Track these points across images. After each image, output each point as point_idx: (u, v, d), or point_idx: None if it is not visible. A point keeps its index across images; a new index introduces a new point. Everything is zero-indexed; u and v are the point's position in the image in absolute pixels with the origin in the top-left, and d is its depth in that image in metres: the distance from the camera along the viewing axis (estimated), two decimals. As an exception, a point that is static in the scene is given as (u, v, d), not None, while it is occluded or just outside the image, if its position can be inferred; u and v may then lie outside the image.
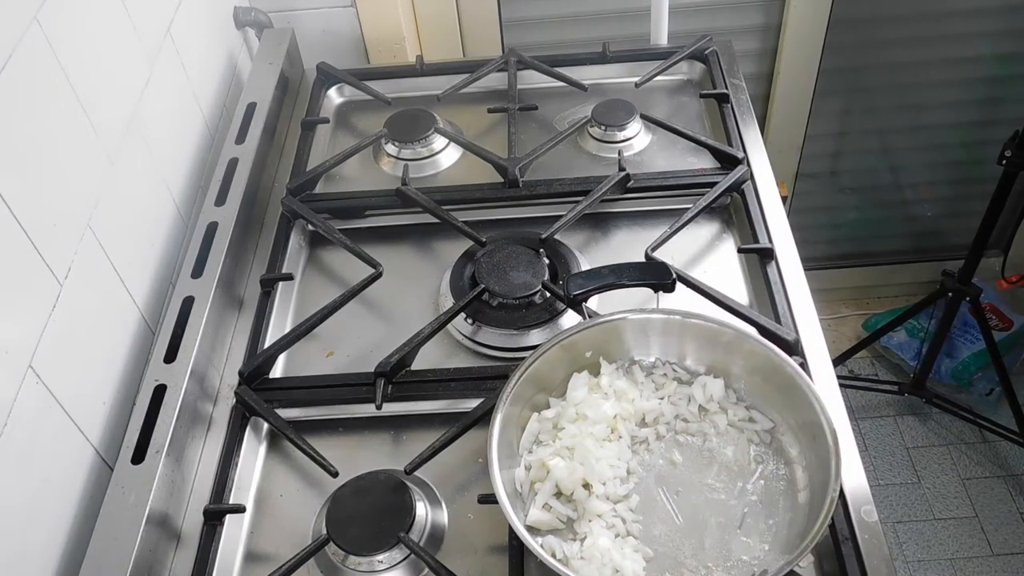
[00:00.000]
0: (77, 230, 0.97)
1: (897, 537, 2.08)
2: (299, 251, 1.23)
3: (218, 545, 0.92)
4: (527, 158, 1.24)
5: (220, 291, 1.11)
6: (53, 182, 0.93)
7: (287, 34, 1.50)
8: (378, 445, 1.02)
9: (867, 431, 2.28)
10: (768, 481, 0.90)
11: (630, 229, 1.22)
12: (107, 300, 1.03)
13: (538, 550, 0.80)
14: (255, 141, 1.29)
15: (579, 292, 0.99)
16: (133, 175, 1.11)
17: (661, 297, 0.99)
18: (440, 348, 1.09)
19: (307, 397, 1.05)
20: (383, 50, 1.62)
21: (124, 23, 1.12)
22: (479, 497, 0.91)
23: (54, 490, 0.89)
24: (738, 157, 1.23)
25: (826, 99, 2.00)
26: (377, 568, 0.89)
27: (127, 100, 1.12)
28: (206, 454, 1.01)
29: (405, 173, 1.24)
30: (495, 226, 1.21)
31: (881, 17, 1.89)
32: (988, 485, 2.16)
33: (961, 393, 2.26)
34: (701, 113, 1.39)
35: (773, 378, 0.92)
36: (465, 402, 1.00)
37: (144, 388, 1.00)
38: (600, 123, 1.31)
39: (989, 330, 2.04)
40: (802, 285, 1.09)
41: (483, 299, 1.09)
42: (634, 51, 1.46)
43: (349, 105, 1.47)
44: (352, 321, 1.13)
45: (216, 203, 1.21)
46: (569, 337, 0.96)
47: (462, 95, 1.41)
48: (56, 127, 0.95)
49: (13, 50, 0.87)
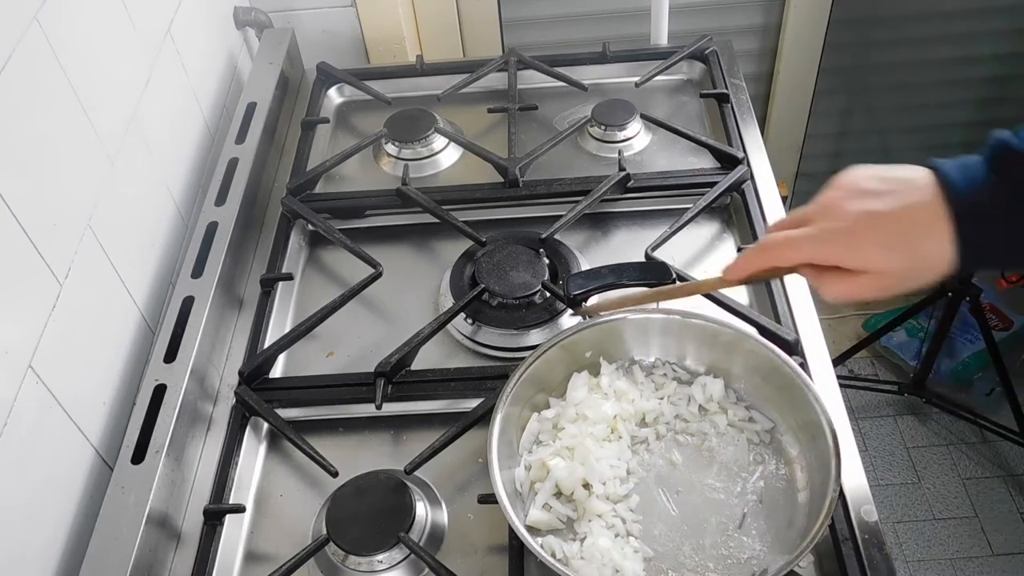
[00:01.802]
0: (77, 230, 0.97)
1: (897, 537, 2.08)
2: (299, 251, 1.23)
3: (218, 545, 0.92)
4: (527, 158, 1.24)
5: (220, 291, 1.11)
6: (53, 182, 0.93)
7: (287, 34, 1.50)
8: (378, 445, 1.02)
9: (867, 431, 2.28)
10: (768, 481, 0.90)
11: (630, 229, 1.22)
12: (107, 300, 1.03)
13: (538, 550, 0.80)
14: (255, 141, 1.29)
15: (579, 292, 0.99)
16: (133, 175, 1.11)
17: (661, 297, 0.99)
18: (440, 348, 1.09)
19: (307, 397, 1.05)
20: (383, 50, 1.62)
21: (124, 23, 1.12)
22: (479, 497, 0.91)
23: (54, 490, 0.89)
24: (738, 157, 1.23)
25: (826, 99, 2.00)
26: (377, 568, 0.89)
27: (127, 100, 1.12)
28: (206, 454, 1.01)
29: (405, 173, 1.24)
30: (495, 226, 1.21)
31: (881, 17, 1.89)
32: (988, 485, 2.16)
33: (961, 393, 2.26)
34: (701, 113, 1.39)
35: (773, 378, 0.92)
36: (465, 402, 1.00)
37: (144, 388, 1.00)
38: (600, 123, 1.31)
39: (989, 330, 2.04)
40: (802, 285, 1.09)
41: (483, 299, 1.09)
42: (634, 51, 1.46)
43: (349, 105, 1.47)
44: (352, 321, 1.13)
45: (216, 203, 1.21)
46: (569, 337, 0.96)
47: (462, 95, 1.41)
48: (56, 127, 0.95)
49: (13, 50, 0.87)
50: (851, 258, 0.70)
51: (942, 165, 0.68)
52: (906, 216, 0.68)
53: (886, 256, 0.69)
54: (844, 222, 0.69)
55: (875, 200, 0.69)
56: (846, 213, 0.69)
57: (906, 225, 0.68)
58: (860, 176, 0.72)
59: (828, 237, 0.70)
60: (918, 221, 0.67)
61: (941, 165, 0.68)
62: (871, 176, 0.71)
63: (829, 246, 0.70)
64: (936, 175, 0.68)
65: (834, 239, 0.70)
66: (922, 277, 0.70)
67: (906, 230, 0.68)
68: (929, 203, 0.67)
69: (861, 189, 0.70)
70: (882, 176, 0.71)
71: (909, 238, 0.68)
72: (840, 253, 0.70)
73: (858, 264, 0.69)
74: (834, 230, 0.70)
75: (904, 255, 0.68)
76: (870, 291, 0.70)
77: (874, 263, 0.69)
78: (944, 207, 0.67)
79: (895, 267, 0.69)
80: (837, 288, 0.71)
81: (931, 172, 0.69)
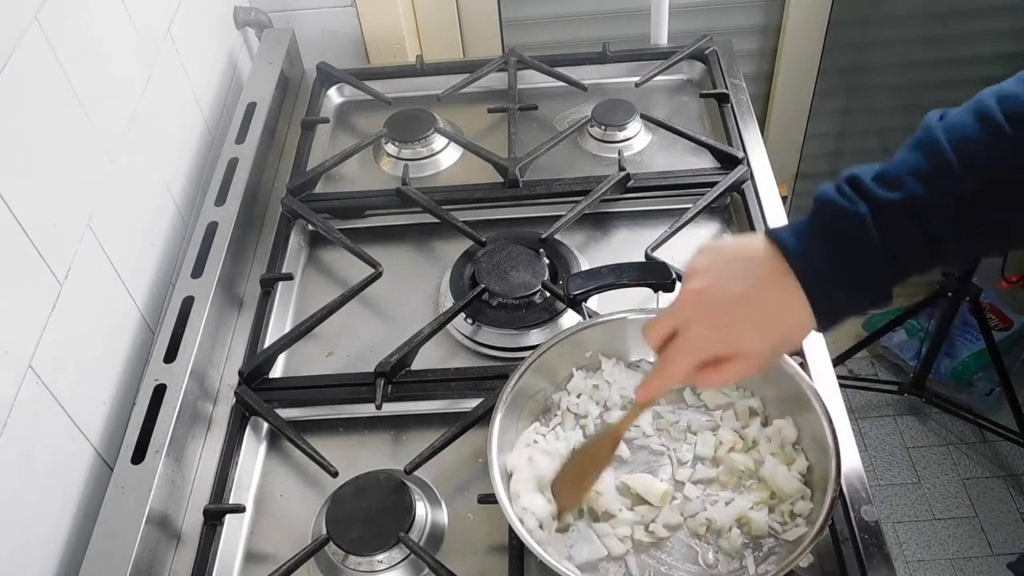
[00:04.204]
0: (77, 230, 0.97)
1: (897, 537, 2.08)
2: (299, 251, 1.23)
3: (218, 545, 0.92)
4: (527, 158, 1.24)
5: (220, 291, 1.11)
6: (53, 182, 0.93)
7: (287, 34, 1.50)
8: (378, 445, 1.02)
9: (867, 431, 2.28)
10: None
11: (630, 229, 1.22)
12: (107, 300, 1.03)
13: (538, 550, 0.80)
14: (255, 141, 1.29)
15: (579, 292, 0.99)
16: (133, 175, 1.11)
17: (661, 297, 0.99)
18: (440, 348, 1.09)
19: (307, 397, 1.05)
20: (383, 50, 1.62)
21: (124, 23, 1.12)
22: (479, 497, 0.91)
23: (54, 490, 0.89)
24: (738, 157, 1.23)
25: (826, 99, 1.99)
26: (377, 568, 0.89)
27: (127, 100, 1.12)
28: (206, 454, 1.01)
29: (405, 173, 1.24)
30: (495, 226, 1.21)
31: (881, 17, 1.89)
32: (988, 485, 2.16)
33: (961, 393, 2.26)
34: (701, 113, 1.39)
35: (773, 378, 0.92)
36: (465, 402, 1.00)
37: (144, 388, 1.00)
38: (600, 123, 1.31)
39: (989, 330, 2.04)
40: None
41: (483, 299, 1.09)
42: (634, 51, 1.46)
43: (349, 105, 1.47)
44: (352, 321, 1.12)
45: (216, 203, 1.21)
46: (569, 337, 0.96)
47: (462, 95, 1.41)
48: (56, 127, 0.95)
49: (13, 50, 0.87)
50: (727, 345, 0.72)
51: (778, 235, 0.71)
52: (761, 293, 0.71)
53: (755, 339, 0.72)
54: (710, 317, 0.72)
55: (731, 285, 0.72)
56: (709, 306, 0.72)
57: (763, 302, 0.71)
58: (711, 260, 0.74)
59: (702, 338, 0.72)
60: (771, 295, 0.70)
61: (777, 235, 0.71)
62: (722, 258, 0.74)
63: (706, 346, 0.72)
64: (775, 245, 0.71)
65: (707, 337, 0.72)
66: (789, 344, 0.74)
67: (765, 306, 0.71)
68: (775, 275, 0.70)
69: (717, 276, 0.72)
70: (731, 257, 0.74)
71: (769, 313, 0.71)
72: (716, 347, 0.72)
73: (734, 349, 0.72)
74: (705, 326, 0.72)
75: (773, 330, 0.72)
76: (745, 372, 0.73)
77: (748, 344, 0.72)
78: (790, 275, 0.69)
79: (763, 347, 0.72)
80: (714, 377, 0.73)
81: (770, 243, 0.71)
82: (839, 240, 0.69)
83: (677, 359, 0.74)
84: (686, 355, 0.73)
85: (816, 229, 0.70)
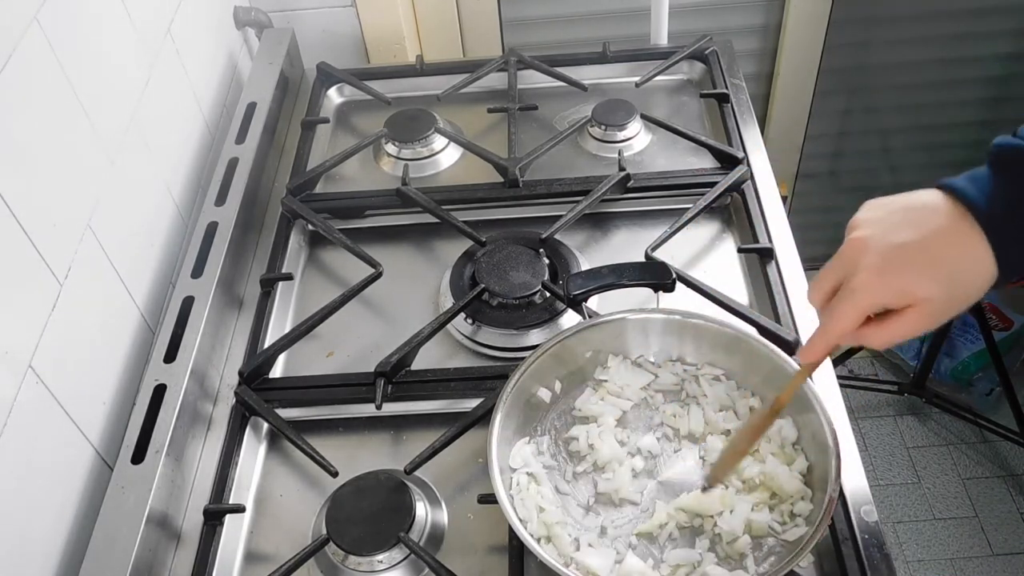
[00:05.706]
0: (77, 230, 0.97)
1: (897, 537, 2.08)
2: (299, 251, 1.23)
3: (218, 545, 0.92)
4: (527, 158, 1.24)
5: (220, 291, 1.11)
6: (53, 182, 0.93)
7: (287, 34, 1.50)
8: (378, 445, 1.02)
9: (867, 431, 2.28)
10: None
11: (630, 229, 1.22)
12: (107, 300, 1.03)
13: (538, 550, 0.80)
14: (255, 141, 1.29)
15: (579, 292, 0.99)
16: (133, 175, 1.11)
17: (661, 297, 0.99)
18: (440, 348, 1.09)
19: (307, 397, 1.05)
20: (383, 50, 1.62)
21: (124, 23, 1.12)
22: (479, 497, 0.91)
23: (54, 490, 0.89)
24: (738, 157, 1.23)
25: (826, 99, 1.99)
26: (377, 568, 0.89)
27: (127, 100, 1.12)
28: (206, 454, 1.01)
29: (405, 173, 1.24)
30: (495, 226, 1.21)
31: (881, 17, 1.89)
32: (988, 485, 2.16)
33: (961, 393, 2.26)
34: (701, 113, 1.39)
35: (773, 378, 0.92)
36: (465, 402, 1.00)
37: (144, 388, 1.00)
38: (600, 123, 1.31)
39: (989, 330, 2.04)
40: (802, 285, 1.09)
41: (483, 299, 1.09)
42: (634, 51, 1.46)
43: (349, 105, 1.47)
44: (352, 321, 1.13)
45: (216, 203, 1.21)
46: (569, 337, 0.96)
47: (462, 95, 1.41)
48: (56, 127, 0.95)
49: (13, 50, 0.87)
50: (893, 294, 0.68)
51: (954, 183, 0.68)
52: (935, 241, 0.67)
53: (927, 283, 0.67)
54: (876, 262, 0.68)
55: (899, 232, 0.68)
56: (875, 252, 0.68)
57: (938, 249, 0.67)
58: (876, 212, 0.71)
59: (867, 284, 0.68)
60: (949, 243, 0.67)
61: (952, 183, 0.68)
62: (887, 210, 0.71)
63: (872, 293, 0.69)
64: (951, 194, 0.68)
65: (873, 282, 0.68)
66: (967, 297, 0.69)
67: (940, 254, 0.67)
68: (953, 223, 0.67)
69: (882, 225, 0.69)
70: (897, 207, 0.70)
71: (945, 261, 0.67)
72: (883, 293, 0.68)
73: (902, 298, 0.68)
74: (872, 272, 0.68)
75: (944, 278, 0.67)
76: (919, 324, 0.68)
77: (920, 289, 0.67)
78: (969, 223, 0.66)
79: (937, 293, 0.67)
80: (884, 333, 0.70)
81: (943, 192, 0.68)
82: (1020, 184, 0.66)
83: (842, 309, 0.69)
84: (852, 305, 0.69)
85: (997, 173, 0.67)
